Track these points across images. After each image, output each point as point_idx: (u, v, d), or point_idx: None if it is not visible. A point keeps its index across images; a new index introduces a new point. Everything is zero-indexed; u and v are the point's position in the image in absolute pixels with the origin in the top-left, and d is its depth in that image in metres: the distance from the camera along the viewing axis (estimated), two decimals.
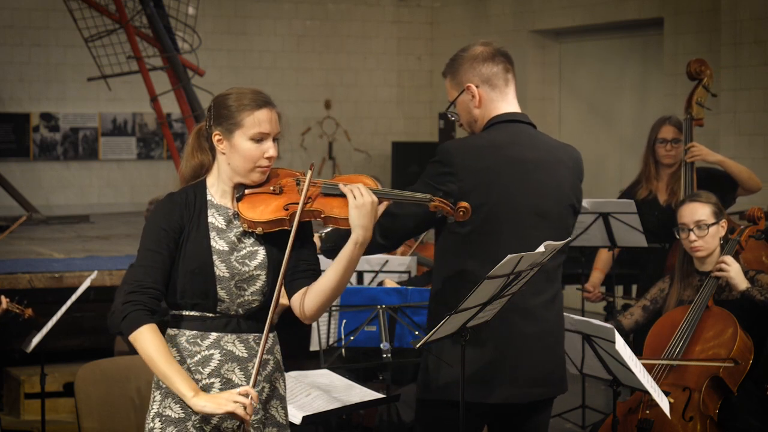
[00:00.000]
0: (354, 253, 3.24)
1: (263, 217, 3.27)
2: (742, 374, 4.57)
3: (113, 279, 6.74)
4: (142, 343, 3.17)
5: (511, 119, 3.68)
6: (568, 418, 6.73)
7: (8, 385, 6.90)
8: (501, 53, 3.71)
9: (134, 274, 3.25)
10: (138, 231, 3.23)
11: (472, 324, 3.45)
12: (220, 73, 11.24)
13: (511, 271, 3.35)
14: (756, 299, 4.68)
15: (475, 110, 3.68)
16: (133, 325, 3.17)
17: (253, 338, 3.33)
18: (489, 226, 3.55)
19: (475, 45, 3.71)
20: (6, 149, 11.45)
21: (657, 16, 10.12)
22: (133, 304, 3.19)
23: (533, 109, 11.67)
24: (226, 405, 3.12)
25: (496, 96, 3.68)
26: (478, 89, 3.66)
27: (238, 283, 3.28)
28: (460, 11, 12.60)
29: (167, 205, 3.32)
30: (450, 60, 3.75)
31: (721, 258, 4.76)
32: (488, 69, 3.67)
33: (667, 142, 6.12)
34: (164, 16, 9.82)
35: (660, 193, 6.16)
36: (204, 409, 3.13)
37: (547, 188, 3.62)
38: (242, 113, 3.28)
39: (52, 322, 5.27)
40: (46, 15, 11.56)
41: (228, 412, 3.12)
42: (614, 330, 3.84)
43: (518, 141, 3.63)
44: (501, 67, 3.69)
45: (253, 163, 3.29)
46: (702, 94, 6.04)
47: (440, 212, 3.36)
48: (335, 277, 3.26)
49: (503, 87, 3.69)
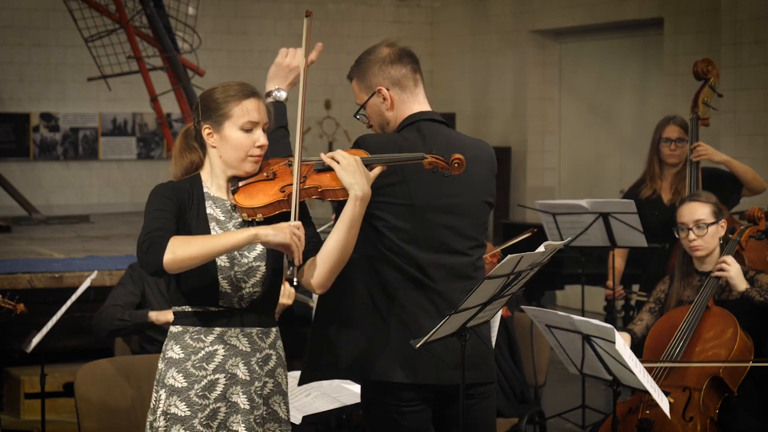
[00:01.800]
0: (356, 210, 3.28)
1: (261, 202, 3.30)
2: (742, 374, 4.57)
3: (113, 279, 6.73)
4: (180, 248, 3.10)
5: (425, 118, 3.65)
6: (568, 418, 6.73)
7: (8, 385, 6.90)
8: (407, 54, 3.69)
9: (145, 225, 3.21)
10: (138, 231, 3.23)
11: (472, 324, 3.45)
12: (220, 73, 11.22)
13: (511, 271, 3.35)
14: (755, 300, 4.68)
15: (388, 113, 3.66)
16: (160, 248, 3.10)
17: (257, 332, 3.35)
18: (399, 223, 3.51)
19: (380, 47, 3.69)
20: (6, 149, 11.46)
21: (657, 16, 10.12)
22: (149, 238, 3.14)
23: (533, 109, 11.67)
24: (287, 236, 3.15)
25: (407, 97, 3.66)
26: (389, 92, 3.64)
27: (237, 274, 3.29)
28: (460, 11, 12.60)
29: (169, 184, 3.35)
30: (355, 62, 3.72)
31: (721, 258, 4.76)
32: (397, 71, 3.65)
33: (672, 142, 6.13)
34: (164, 16, 9.82)
35: (664, 192, 6.17)
36: (275, 237, 3.14)
37: (463, 186, 3.60)
38: (230, 104, 3.32)
39: (52, 322, 5.26)
40: (46, 15, 11.56)
41: (287, 244, 3.15)
42: (614, 330, 3.84)
43: (434, 141, 3.60)
44: (409, 68, 3.67)
45: (245, 153, 3.33)
46: (708, 94, 6.05)
47: (435, 168, 3.37)
48: (340, 236, 3.29)
49: (413, 87, 3.67)
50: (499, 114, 11.93)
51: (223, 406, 3.29)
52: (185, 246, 3.12)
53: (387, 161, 3.39)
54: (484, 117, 12.07)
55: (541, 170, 11.65)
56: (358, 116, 3.74)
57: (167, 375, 3.31)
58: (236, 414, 3.29)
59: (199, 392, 3.28)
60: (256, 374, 3.33)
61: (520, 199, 11.23)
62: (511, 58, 11.74)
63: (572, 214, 6.32)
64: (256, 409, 3.32)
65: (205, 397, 3.28)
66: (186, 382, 3.29)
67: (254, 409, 3.31)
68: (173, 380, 3.30)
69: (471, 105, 12.21)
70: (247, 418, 3.29)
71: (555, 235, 6.35)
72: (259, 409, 3.32)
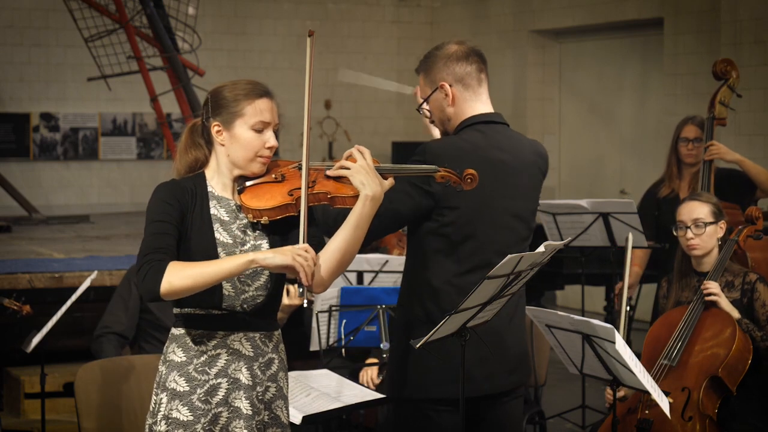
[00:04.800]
0: (365, 210, 3.22)
1: (269, 204, 3.23)
2: (741, 374, 4.58)
3: (113, 279, 6.74)
4: (178, 276, 3.05)
5: (487, 120, 3.68)
6: (568, 418, 6.73)
7: (8, 385, 6.90)
8: (475, 53, 3.71)
9: (144, 243, 3.16)
10: (138, 231, 3.23)
11: (471, 324, 3.46)
12: (220, 73, 11.22)
13: (511, 271, 3.35)
14: (759, 345, 4.66)
15: (449, 108, 3.68)
16: (157, 276, 3.05)
17: (260, 336, 3.29)
18: (468, 227, 3.57)
19: (449, 43, 3.71)
20: (6, 149, 11.46)
21: (657, 16, 10.12)
22: (148, 263, 3.09)
23: (533, 109, 11.67)
24: (288, 258, 3.06)
25: (470, 96, 3.68)
26: (452, 88, 3.66)
27: (241, 277, 3.24)
28: (460, 11, 12.60)
29: (171, 185, 3.28)
30: (424, 57, 3.75)
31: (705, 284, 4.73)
32: (462, 68, 3.67)
33: (689, 141, 6.13)
34: (164, 16, 9.82)
35: (682, 191, 6.16)
36: (274, 260, 3.07)
37: (521, 190, 3.68)
38: (243, 103, 3.26)
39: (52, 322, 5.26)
40: (46, 15, 11.56)
41: (290, 265, 3.06)
42: (614, 330, 3.84)
43: (496, 143, 3.65)
44: (475, 66, 3.69)
45: (254, 153, 3.26)
46: (726, 94, 6.07)
47: (448, 182, 3.35)
48: (346, 235, 3.22)
49: (476, 87, 3.69)
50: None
51: (225, 410, 3.25)
52: (182, 276, 3.06)
53: (398, 172, 3.36)
54: None
55: None
56: (420, 110, 3.75)
57: (169, 378, 3.26)
58: (238, 419, 3.25)
59: (202, 397, 3.23)
60: (258, 379, 3.28)
61: None
62: (511, 58, 11.74)
63: (572, 214, 6.33)
64: (258, 414, 3.27)
65: (207, 401, 3.23)
66: (188, 386, 3.24)
67: (256, 414, 3.27)
68: (175, 384, 3.25)
69: None
70: (249, 423, 3.25)
71: (555, 235, 6.36)
72: (261, 414, 3.28)
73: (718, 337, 4.61)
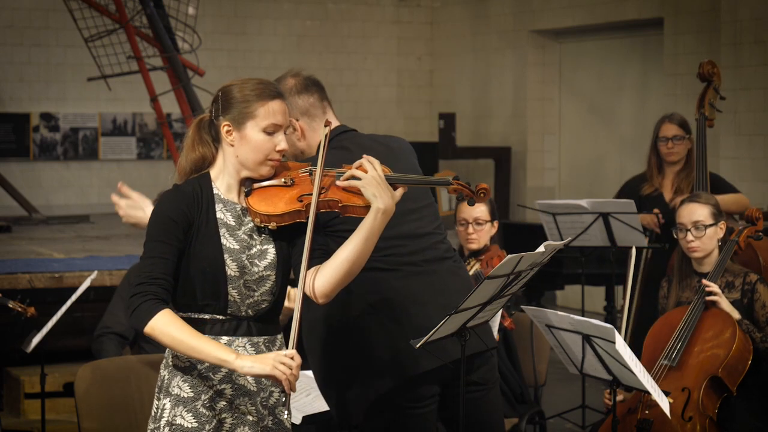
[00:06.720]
0: (376, 222, 3.17)
1: (278, 210, 3.16)
2: (741, 374, 4.57)
3: (113, 279, 6.74)
4: (162, 329, 3.05)
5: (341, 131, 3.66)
6: (568, 418, 6.73)
7: (8, 385, 6.90)
8: (312, 82, 3.69)
9: (142, 266, 3.14)
10: (138, 231, 3.20)
11: (471, 324, 3.46)
12: (220, 73, 11.22)
13: (511, 271, 3.35)
14: (759, 346, 4.66)
15: (300, 143, 3.67)
16: (146, 316, 3.06)
17: (263, 341, 3.24)
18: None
19: (285, 78, 3.68)
20: (6, 149, 11.46)
21: (657, 16, 10.12)
22: (142, 295, 3.08)
23: (533, 109, 11.68)
24: (273, 368, 3.01)
25: (317, 125, 3.65)
26: (299, 122, 3.65)
27: (247, 283, 3.19)
28: (460, 11, 12.60)
29: (175, 196, 3.20)
30: None
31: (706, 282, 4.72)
32: (304, 100, 3.66)
33: (668, 140, 6.11)
34: (164, 16, 9.82)
35: (665, 190, 6.15)
36: (252, 370, 3.02)
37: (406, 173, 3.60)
38: (255, 103, 3.18)
39: (52, 322, 5.27)
40: (46, 15, 11.56)
41: (270, 375, 3.02)
42: (614, 330, 3.84)
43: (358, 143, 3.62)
44: (316, 96, 3.68)
45: (264, 156, 3.20)
46: (713, 95, 6.05)
47: (460, 195, 3.30)
48: (355, 247, 3.17)
49: (322, 115, 3.67)
50: (499, 114, 11.93)
51: (229, 417, 3.21)
52: (164, 332, 3.05)
53: (411, 182, 3.31)
54: (484, 117, 12.07)
55: (541, 170, 11.65)
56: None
57: (172, 383, 3.22)
58: (243, 425, 3.21)
59: (206, 403, 3.19)
60: (262, 384, 3.24)
61: (520, 199, 11.23)
62: (511, 58, 11.74)
63: (572, 214, 6.32)
64: (263, 420, 3.24)
65: (211, 408, 3.19)
66: (192, 393, 3.19)
67: (260, 420, 3.24)
68: (179, 390, 3.21)
69: (471, 105, 12.21)
70: (254, 429, 3.23)
71: (555, 235, 6.36)
72: (265, 419, 3.25)
73: (719, 338, 4.61)
